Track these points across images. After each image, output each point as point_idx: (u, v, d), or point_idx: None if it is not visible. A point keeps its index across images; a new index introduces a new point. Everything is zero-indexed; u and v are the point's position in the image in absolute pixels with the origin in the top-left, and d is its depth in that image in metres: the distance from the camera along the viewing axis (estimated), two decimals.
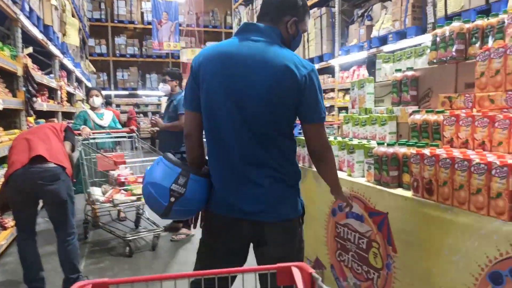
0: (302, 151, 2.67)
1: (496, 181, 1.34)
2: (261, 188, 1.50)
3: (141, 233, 3.86)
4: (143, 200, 3.60)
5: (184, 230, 4.01)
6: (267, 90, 1.44)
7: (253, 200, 1.50)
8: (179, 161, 1.55)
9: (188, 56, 9.05)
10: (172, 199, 1.48)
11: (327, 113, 7.50)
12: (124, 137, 4.44)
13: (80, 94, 9.37)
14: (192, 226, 1.74)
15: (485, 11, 3.60)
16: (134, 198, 3.57)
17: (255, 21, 1.62)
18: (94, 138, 4.20)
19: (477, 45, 1.92)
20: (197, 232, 4.06)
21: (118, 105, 13.92)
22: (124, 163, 3.57)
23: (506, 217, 1.31)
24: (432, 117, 1.93)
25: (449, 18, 3.77)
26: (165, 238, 4.03)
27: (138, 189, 3.60)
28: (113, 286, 0.72)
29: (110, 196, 3.55)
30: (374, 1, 6.36)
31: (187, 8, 13.14)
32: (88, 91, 4.70)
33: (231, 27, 12.96)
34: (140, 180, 3.75)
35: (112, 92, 13.86)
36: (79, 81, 9.87)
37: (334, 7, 6.92)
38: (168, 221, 4.31)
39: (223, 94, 1.47)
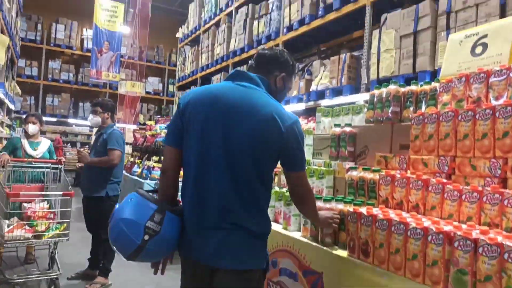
0: None
1: (432, 248, 1.32)
2: (224, 233, 1.47)
3: (31, 276, 3.34)
4: (45, 237, 3.16)
5: (100, 279, 3.58)
6: (254, 136, 1.47)
7: (215, 245, 1.47)
8: (154, 197, 1.53)
9: (127, 88, 8.71)
10: (146, 237, 1.40)
11: None
12: (48, 168, 4.01)
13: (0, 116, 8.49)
14: (153, 271, 1.61)
15: (412, 78, 3.91)
16: (29, 235, 3.11)
17: (201, 60, 1.77)
18: (14, 166, 3.77)
19: (411, 108, 2.01)
20: (114, 281, 3.66)
21: (44, 132, 12.86)
22: (18, 195, 3.15)
23: (441, 287, 1.28)
24: (368, 175, 1.94)
25: (380, 81, 4.04)
26: (78, 287, 3.56)
27: (42, 225, 3.17)
28: None
29: (10, 231, 3.07)
30: (314, 57, 6.71)
31: (131, 41, 12.88)
32: (26, 117, 4.28)
33: (175, 65, 12.86)
34: (51, 216, 3.31)
35: None
36: (0, 102, 8.99)
37: None
38: (81, 268, 3.84)
39: (212, 135, 1.50)
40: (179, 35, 9.77)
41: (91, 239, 3.77)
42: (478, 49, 1.90)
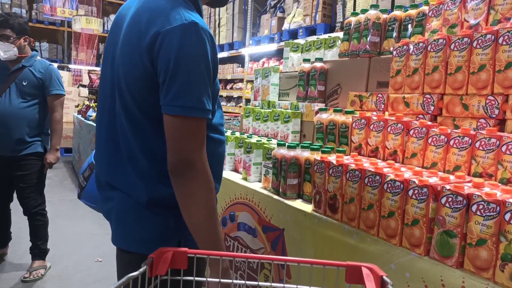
0: None
1: (413, 204, 1.08)
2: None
3: None
4: None
5: (37, 263, 2.78)
6: (121, 63, 1.01)
7: None
8: None
9: (82, 25, 7.87)
10: (79, 190, 1.33)
11: (234, 104, 7.19)
12: None
13: None
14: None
15: None
16: None
17: None
18: None
19: (394, 37, 1.69)
20: (54, 263, 2.97)
21: None
22: None
23: (422, 251, 1.05)
24: (340, 118, 1.65)
25: None
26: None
27: None
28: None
29: None
30: None
31: None
32: None
33: None
34: None
35: None
36: None
37: None
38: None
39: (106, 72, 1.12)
40: None
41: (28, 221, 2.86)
42: None
